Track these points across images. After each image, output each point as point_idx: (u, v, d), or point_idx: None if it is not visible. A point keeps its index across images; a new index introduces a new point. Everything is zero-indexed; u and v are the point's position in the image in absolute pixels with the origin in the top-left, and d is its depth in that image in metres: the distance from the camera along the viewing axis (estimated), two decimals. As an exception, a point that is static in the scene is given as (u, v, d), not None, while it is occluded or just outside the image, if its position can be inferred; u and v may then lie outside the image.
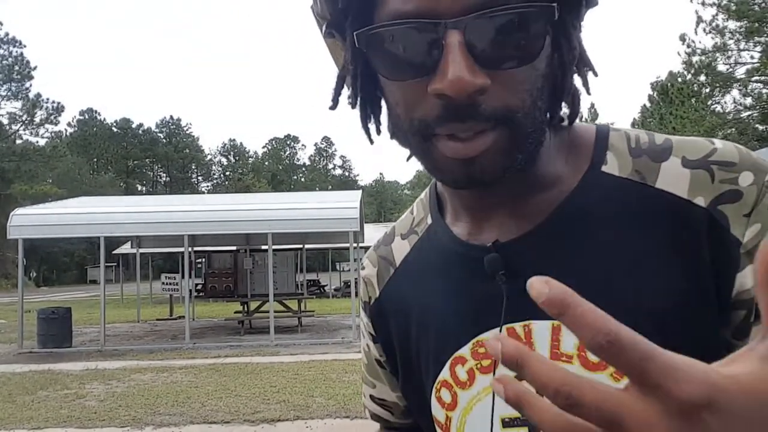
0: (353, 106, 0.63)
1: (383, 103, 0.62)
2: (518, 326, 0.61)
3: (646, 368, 0.30)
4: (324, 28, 0.61)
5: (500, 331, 0.61)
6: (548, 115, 0.59)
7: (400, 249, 0.76)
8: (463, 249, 0.66)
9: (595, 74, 0.60)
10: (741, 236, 0.53)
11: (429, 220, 0.74)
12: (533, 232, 0.61)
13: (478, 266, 0.62)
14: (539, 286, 0.33)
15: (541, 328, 0.59)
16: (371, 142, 0.65)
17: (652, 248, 0.56)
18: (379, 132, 0.64)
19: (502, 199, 0.63)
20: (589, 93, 0.61)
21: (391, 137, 0.64)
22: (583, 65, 0.60)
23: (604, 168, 0.61)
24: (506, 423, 0.62)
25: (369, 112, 0.64)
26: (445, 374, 0.67)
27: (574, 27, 0.57)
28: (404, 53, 0.53)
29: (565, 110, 0.61)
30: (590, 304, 0.33)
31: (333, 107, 0.64)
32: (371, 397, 0.85)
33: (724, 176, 0.55)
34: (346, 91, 0.64)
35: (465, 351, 0.65)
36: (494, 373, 0.62)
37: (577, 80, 0.60)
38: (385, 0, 0.53)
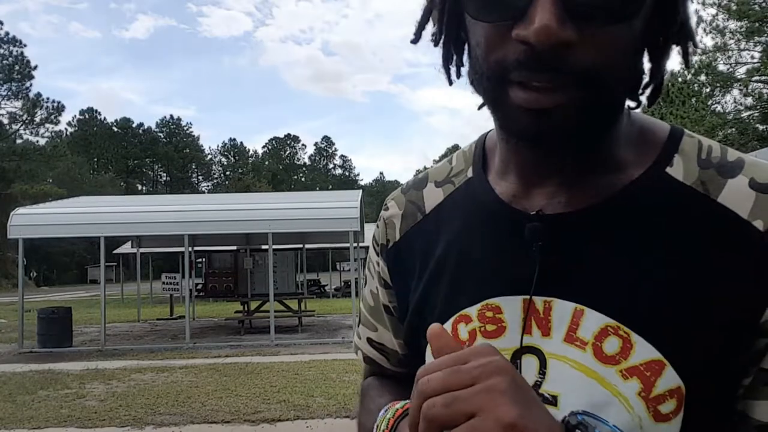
0: (436, 44, 0.62)
1: (465, 50, 0.61)
2: (539, 300, 0.60)
3: None
4: None
5: (530, 300, 0.60)
6: (632, 87, 0.57)
7: (433, 196, 0.74)
8: (503, 210, 0.63)
9: (696, 46, 0.57)
10: None
11: (469, 173, 0.71)
12: (581, 212, 0.59)
13: (514, 231, 0.61)
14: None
15: (562, 308, 0.58)
16: (450, 83, 0.64)
17: (698, 260, 0.55)
18: (459, 75, 0.63)
19: (559, 168, 0.60)
20: (688, 67, 0.58)
21: (471, 83, 0.61)
22: (684, 35, 0.57)
23: (668, 169, 0.59)
24: None
25: (452, 52, 0.62)
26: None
27: None
28: None
29: (647, 91, 0.59)
30: None
31: (415, 41, 0.63)
32: (369, 340, 0.83)
33: None
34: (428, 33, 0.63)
35: (472, 311, 0.64)
36: (521, 340, 0.60)
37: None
38: None
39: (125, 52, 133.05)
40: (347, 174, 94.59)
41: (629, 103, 0.60)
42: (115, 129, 77.62)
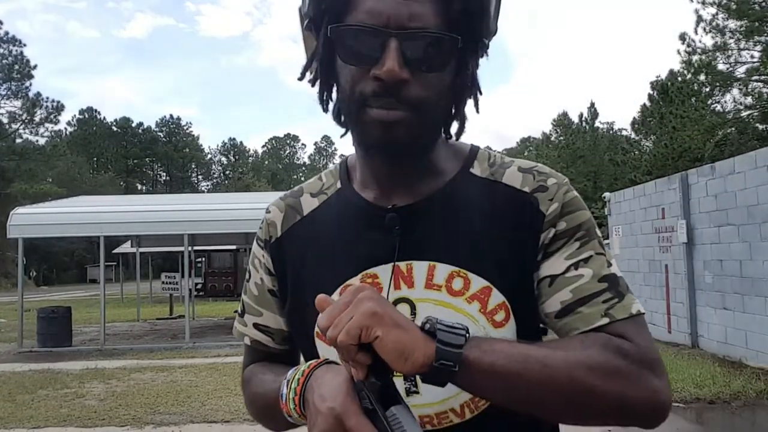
0: (312, 84, 0.89)
1: (335, 89, 0.88)
2: (402, 264, 0.86)
3: None
4: (305, 23, 0.86)
5: (393, 267, 0.85)
6: (445, 123, 0.89)
7: (309, 203, 0.97)
8: (369, 207, 0.89)
9: (480, 93, 0.89)
10: (546, 211, 0.85)
11: (338, 185, 0.96)
12: (420, 203, 0.87)
13: (379, 221, 0.86)
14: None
15: (420, 266, 0.85)
16: (325, 111, 0.90)
17: (497, 218, 0.86)
18: (330, 103, 0.90)
19: (402, 177, 0.88)
20: (477, 111, 0.90)
21: (334, 118, 0.90)
22: (474, 86, 0.87)
23: (471, 170, 0.91)
24: None
25: (325, 91, 0.89)
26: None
27: (472, 54, 0.85)
28: (360, 46, 0.79)
29: (455, 128, 0.90)
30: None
31: (300, 79, 0.90)
32: (255, 324, 1.01)
33: (540, 178, 0.88)
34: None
35: (355, 280, 0.87)
36: (388, 294, 0.85)
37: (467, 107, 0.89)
38: (355, 9, 0.79)
39: (124, 51, 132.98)
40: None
41: (444, 136, 0.90)
42: (115, 129, 77.47)
